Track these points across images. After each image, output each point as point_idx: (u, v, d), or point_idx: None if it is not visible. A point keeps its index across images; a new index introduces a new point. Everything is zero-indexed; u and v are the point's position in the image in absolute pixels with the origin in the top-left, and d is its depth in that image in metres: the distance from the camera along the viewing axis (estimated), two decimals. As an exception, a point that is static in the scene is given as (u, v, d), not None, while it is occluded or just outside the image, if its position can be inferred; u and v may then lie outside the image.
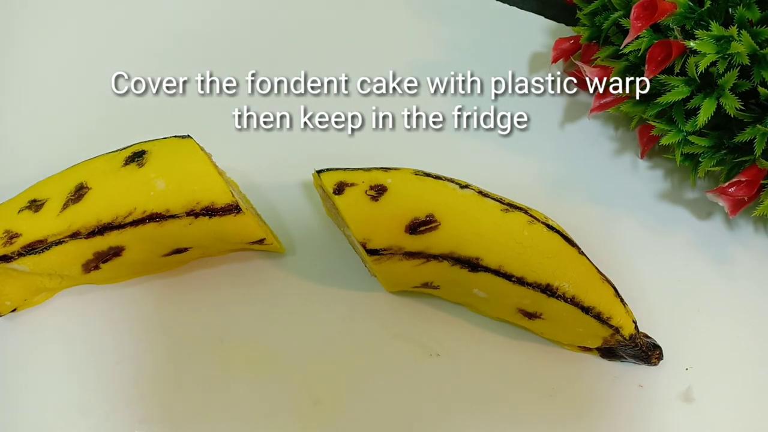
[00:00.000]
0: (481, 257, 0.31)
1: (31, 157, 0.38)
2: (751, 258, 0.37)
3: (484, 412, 0.33)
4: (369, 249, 0.31)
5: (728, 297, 0.36)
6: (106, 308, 0.34)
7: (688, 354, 0.34)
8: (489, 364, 0.34)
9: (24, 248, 0.30)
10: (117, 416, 0.32)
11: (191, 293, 0.35)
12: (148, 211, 0.30)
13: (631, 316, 0.32)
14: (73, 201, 0.31)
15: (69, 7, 0.43)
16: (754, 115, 0.33)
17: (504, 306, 0.32)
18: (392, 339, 0.34)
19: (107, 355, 0.33)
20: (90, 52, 0.41)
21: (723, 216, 0.38)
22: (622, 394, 0.33)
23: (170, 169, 0.31)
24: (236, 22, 0.43)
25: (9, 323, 0.34)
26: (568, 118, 0.41)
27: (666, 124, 0.35)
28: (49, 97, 0.40)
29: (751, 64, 0.33)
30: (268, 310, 0.35)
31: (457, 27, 0.43)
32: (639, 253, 0.37)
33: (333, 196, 0.31)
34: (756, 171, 0.33)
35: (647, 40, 0.34)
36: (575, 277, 0.31)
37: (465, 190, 0.32)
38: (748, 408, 0.33)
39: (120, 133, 0.36)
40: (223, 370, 0.33)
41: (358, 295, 0.35)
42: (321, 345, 0.34)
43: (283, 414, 0.33)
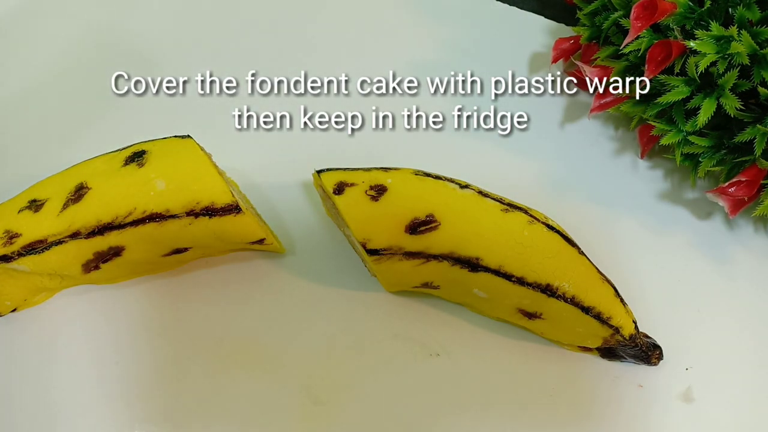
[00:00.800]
0: (481, 257, 0.31)
1: (31, 157, 0.38)
2: (751, 258, 0.37)
3: (484, 412, 0.33)
4: (369, 249, 0.31)
5: (728, 297, 0.36)
6: (106, 308, 0.34)
7: (688, 354, 0.34)
8: (489, 364, 0.34)
9: (24, 248, 0.30)
10: (117, 416, 0.32)
11: (191, 293, 0.35)
12: (148, 211, 0.30)
13: (631, 316, 0.32)
14: (73, 201, 0.30)
15: (69, 7, 0.43)
16: (754, 115, 0.33)
17: (504, 306, 0.32)
18: (392, 339, 0.34)
19: (107, 355, 0.33)
20: (90, 52, 0.41)
21: (723, 216, 0.38)
22: (622, 394, 0.33)
23: (170, 169, 0.31)
24: (236, 22, 0.43)
25: (9, 323, 0.34)
26: (568, 118, 0.41)
27: (666, 124, 0.35)
28: (49, 96, 0.40)
29: (751, 64, 0.33)
30: (268, 310, 0.35)
31: (457, 27, 0.43)
32: (639, 253, 0.37)
33: (333, 196, 0.31)
34: (756, 171, 0.33)
35: (647, 40, 0.34)
36: (575, 277, 0.31)
37: (465, 190, 0.32)
38: (748, 408, 0.33)
39: (120, 133, 0.36)
40: (223, 370, 0.33)
41: (358, 295, 0.35)
42: (321, 345, 0.34)
43: (283, 414, 0.32)
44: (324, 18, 0.43)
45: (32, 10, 0.42)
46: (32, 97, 0.40)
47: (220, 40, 0.42)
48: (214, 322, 0.34)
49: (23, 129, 0.39)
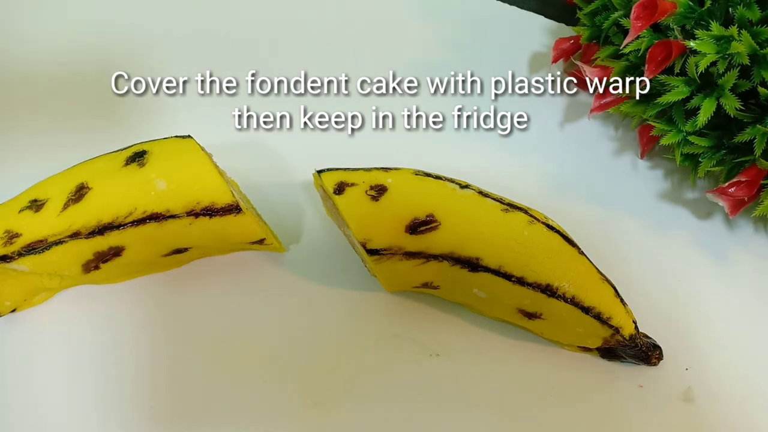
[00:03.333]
0: (481, 257, 0.31)
1: (31, 157, 0.38)
2: (751, 258, 0.37)
3: (484, 412, 0.33)
4: (369, 249, 0.31)
5: (728, 297, 0.36)
6: (106, 308, 0.34)
7: (688, 354, 0.34)
8: (489, 364, 0.34)
9: (24, 248, 0.30)
10: (117, 416, 0.32)
11: (191, 293, 0.35)
12: (149, 211, 0.30)
13: (631, 316, 0.32)
14: (74, 201, 0.31)
15: (69, 7, 0.43)
16: (754, 115, 0.33)
17: (504, 306, 0.32)
18: (392, 339, 0.34)
19: (107, 355, 0.33)
20: (90, 52, 0.41)
21: (723, 216, 0.38)
22: (622, 394, 0.33)
23: (171, 169, 0.31)
24: (236, 22, 0.43)
25: (9, 323, 0.34)
26: (568, 118, 0.41)
27: (666, 124, 0.35)
28: (50, 96, 0.40)
29: (751, 64, 0.33)
30: (268, 310, 0.35)
31: (457, 27, 0.43)
32: (639, 253, 0.37)
33: (333, 196, 0.31)
34: (756, 171, 0.33)
35: (647, 40, 0.34)
36: (575, 277, 0.31)
37: (465, 190, 0.32)
38: (748, 408, 0.33)
39: (120, 133, 0.36)
40: (223, 370, 0.33)
41: (358, 295, 0.35)
42: (321, 345, 0.34)
43: (283, 414, 0.32)
44: (324, 18, 0.43)
45: (33, 9, 0.42)
46: (32, 97, 0.40)
47: (220, 40, 0.42)
48: (214, 322, 0.34)
49: (23, 129, 0.39)
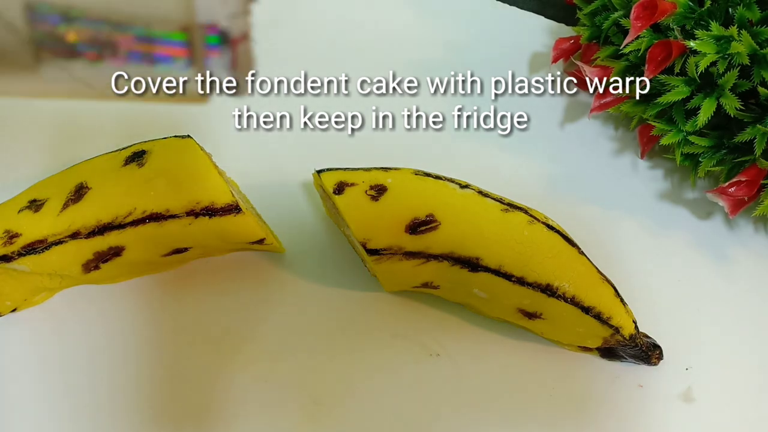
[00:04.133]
0: (481, 257, 0.31)
1: (31, 157, 0.38)
2: (751, 258, 0.37)
3: (484, 412, 0.33)
4: (369, 249, 0.31)
5: (728, 297, 0.36)
6: (106, 308, 0.34)
7: (688, 354, 0.34)
8: (489, 364, 0.34)
9: (24, 248, 0.30)
10: (117, 416, 0.32)
11: (191, 293, 0.35)
12: (148, 211, 0.30)
13: (631, 316, 0.32)
14: (73, 201, 0.31)
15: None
16: (754, 115, 0.33)
17: (504, 306, 0.32)
18: (392, 339, 0.34)
19: (107, 354, 0.33)
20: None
21: (723, 216, 0.38)
22: (622, 394, 0.33)
23: (170, 169, 0.31)
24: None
25: (9, 323, 0.34)
26: (568, 118, 0.41)
27: (666, 124, 0.35)
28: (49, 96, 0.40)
29: (751, 64, 0.33)
30: (268, 310, 0.35)
31: (457, 27, 0.43)
32: (639, 252, 0.37)
33: (333, 196, 0.31)
34: (756, 171, 0.33)
35: (647, 40, 0.34)
36: (575, 277, 0.31)
37: (465, 190, 0.32)
38: (748, 408, 0.33)
39: (120, 133, 0.36)
40: (223, 370, 0.33)
41: (358, 295, 0.35)
42: (321, 345, 0.34)
43: (283, 414, 0.33)
44: (323, 18, 0.43)
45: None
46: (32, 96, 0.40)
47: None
48: (214, 322, 0.34)
49: (23, 129, 0.39)
